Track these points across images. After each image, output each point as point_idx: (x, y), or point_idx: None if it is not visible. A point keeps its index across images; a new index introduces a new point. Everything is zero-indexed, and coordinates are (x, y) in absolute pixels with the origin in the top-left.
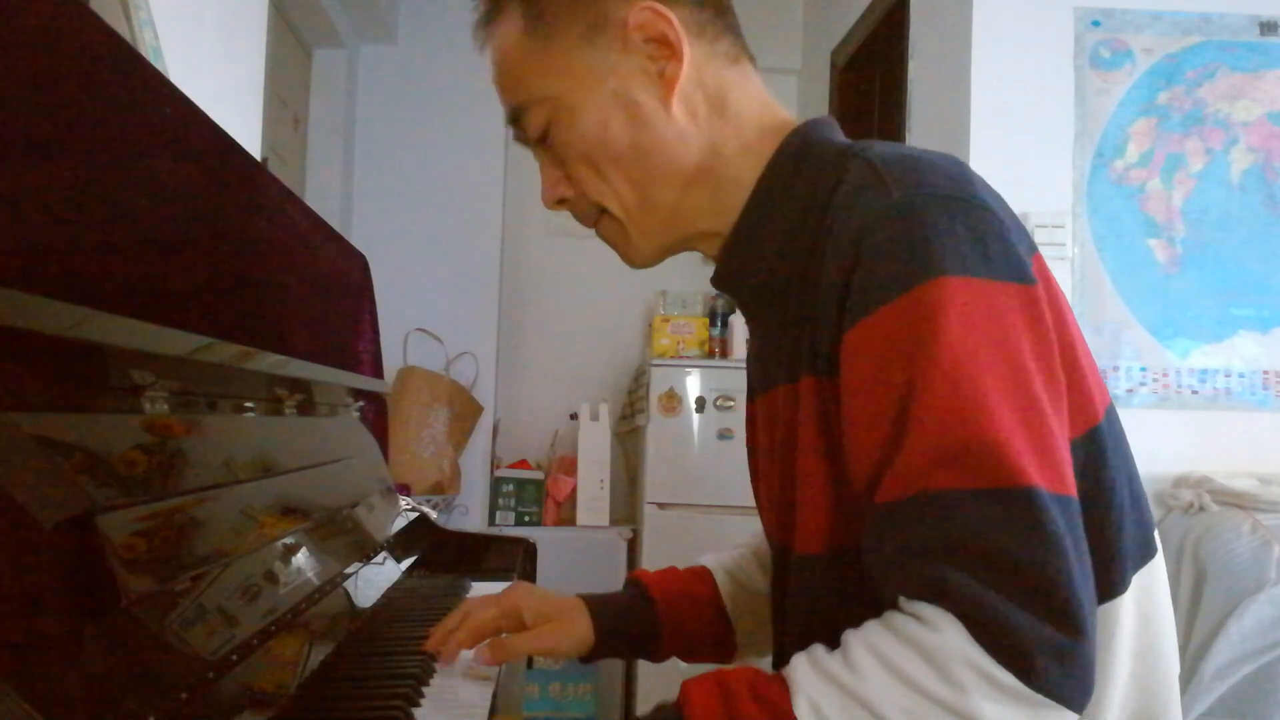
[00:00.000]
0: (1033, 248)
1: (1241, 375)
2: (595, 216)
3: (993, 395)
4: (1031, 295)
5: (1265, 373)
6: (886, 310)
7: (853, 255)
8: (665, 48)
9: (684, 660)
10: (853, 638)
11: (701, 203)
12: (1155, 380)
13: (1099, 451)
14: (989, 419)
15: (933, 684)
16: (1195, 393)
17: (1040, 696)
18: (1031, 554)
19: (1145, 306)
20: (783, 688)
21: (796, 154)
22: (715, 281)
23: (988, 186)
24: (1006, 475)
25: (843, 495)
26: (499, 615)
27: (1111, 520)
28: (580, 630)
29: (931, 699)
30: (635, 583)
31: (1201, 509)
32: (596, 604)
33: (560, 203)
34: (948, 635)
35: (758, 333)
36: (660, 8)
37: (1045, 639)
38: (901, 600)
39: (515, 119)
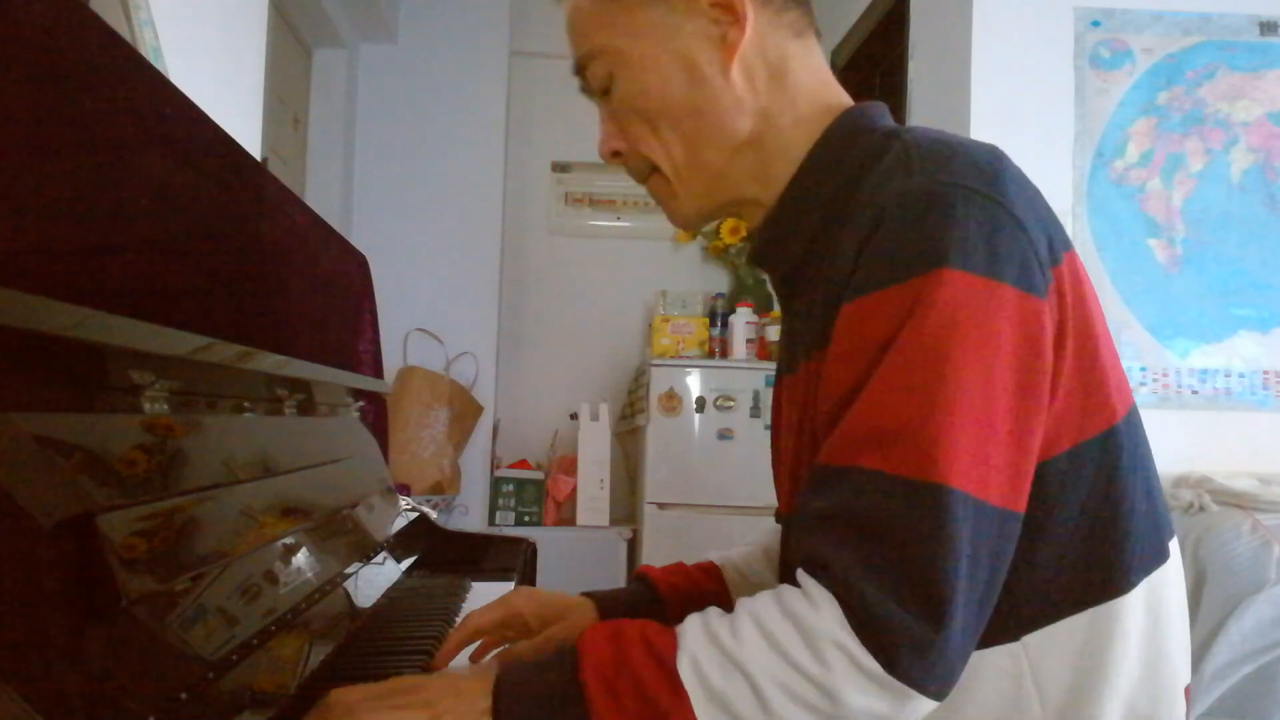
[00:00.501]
0: (1066, 244)
1: (1241, 375)
2: (646, 173)
3: (949, 390)
4: (1030, 306)
5: (1265, 373)
6: (886, 293)
7: (867, 234)
8: (729, 13)
9: None
10: (742, 605)
11: (749, 169)
12: (1155, 380)
13: (1114, 453)
14: (932, 413)
15: (803, 658)
16: (1195, 393)
17: (899, 684)
18: (921, 551)
19: (1145, 306)
20: (672, 640)
21: (844, 135)
22: (751, 256)
23: (1022, 182)
24: (925, 469)
25: None
26: (500, 621)
27: (1120, 521)
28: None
29: (800, 672)
30: (641, 578)
31: (1201, 509)
32: (602, 601)
33: (615, 156)
34: (823, 614)
35: (788, 311)
36: None
37: (909, 632)
38: (798, 571)
39: (580, 69)
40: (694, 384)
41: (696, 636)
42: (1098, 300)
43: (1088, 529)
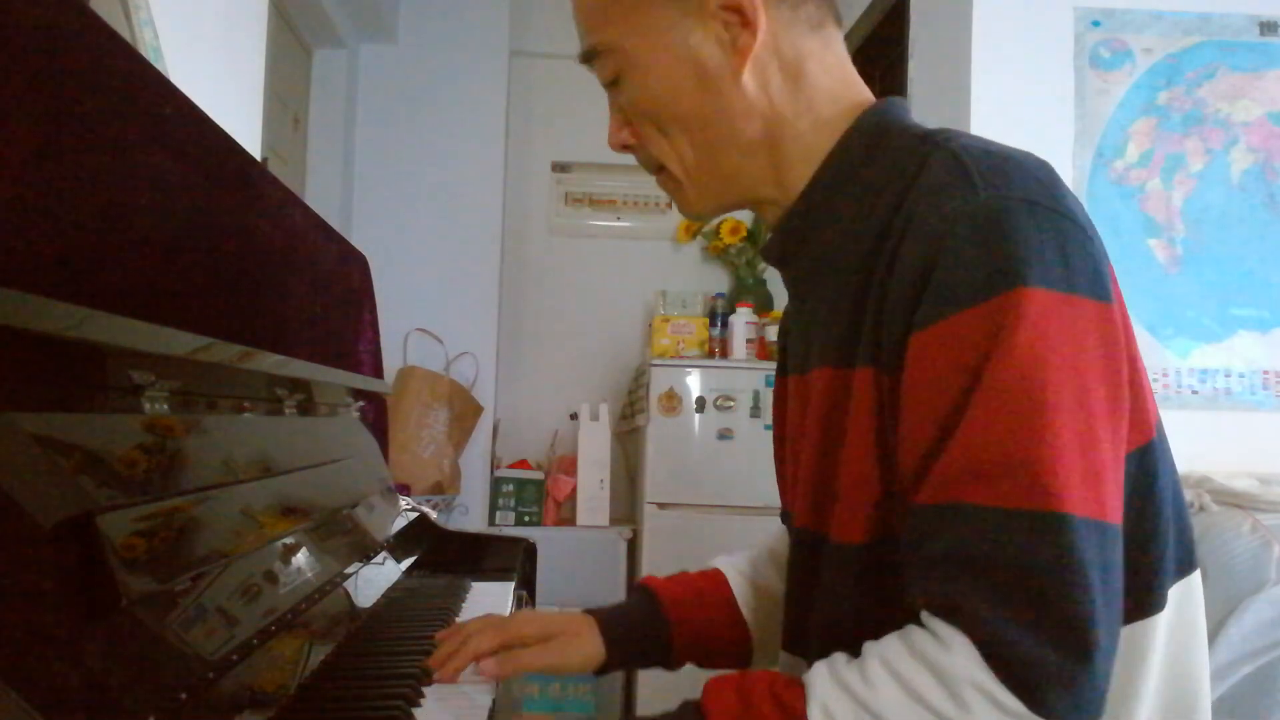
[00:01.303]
0: (1105, 252)
1: (1241, 375)
2: (656, 167)
3: (1050, 415)
4: (1108, 314)
5: (1265, 373)
6: (963, 316)
7: (934, 253)
8: (740, 17)
9: (699, 667)
10: (870, 649)
11: (764, 170)
12: (1155, 380)
13: (1152, 468)
14: (1039, 439)
15: (941, 702)
16: (1195, 393)
17: None
18: (1053, 581)
19: (1145, 306)
20: (800, 692)
21: (872, 134)
22: (765, 252)
23: (1072, 194)
24: (1042, 499)
25: (889, 490)
26: (501, 646)
27: (1157, 536)
28: (590, 646)
29: (939, 716)
30: (644, 590)
31: (1201, 509)
32: (604, 617)
33: (625, 148)
34: (958, 656)
35: (804, 310)
36: None
37: (1053, 667)
38: (922, 613)
39: (587, 59)
40: (694, 384)
41: (825, 684)
42: (1128, 315)
43: (1126, 545)
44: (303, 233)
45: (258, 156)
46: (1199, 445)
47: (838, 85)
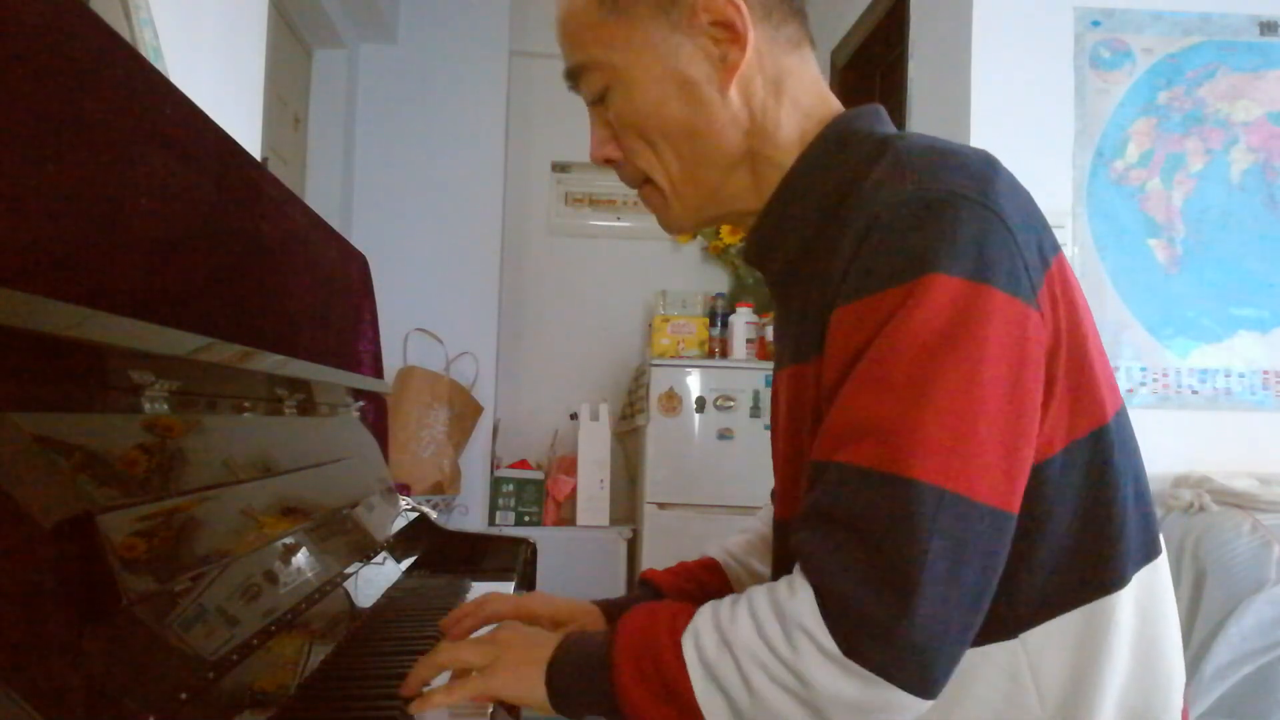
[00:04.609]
0: (1055, 247)
1: (1241, 375)
2: (639, 181)
3: (927, 388)
4: (1018, 309)
5: (1265, 373)
6: (875, 298)
7: (860, 242)
8: (731, 32)
9: None
10: (749, 592)
11: (745, 184)
12: (1155, 380)
13: (1105, 452)
14: (909, 408)
15: (778, 642)
16: (1195, 393)
17: (862, 669)
18: (887, 536)
19: (1145, 306)
20: (689, 618)
21: (835, 141)
22: (743, 256)
23: (1014, 186)
24: (896, 463)
25: None
26: (515, 611)
27: (1114, 518)
28: None
29: (774, 653)
30: (647, 584)
31: (1201, 509)
32: (610, 609)
33: (607, 162)
34: (799, 601)
35: (781, 311)
36: None
37: (871, 614)
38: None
39: (572, 76)
40: (694, 384)
41: (704, 616)
42: (1085, 300)
43: (1081, 527)
44: (302, 233)
45: (258, 156)
46: (1199, 445)
47: (815, 101)
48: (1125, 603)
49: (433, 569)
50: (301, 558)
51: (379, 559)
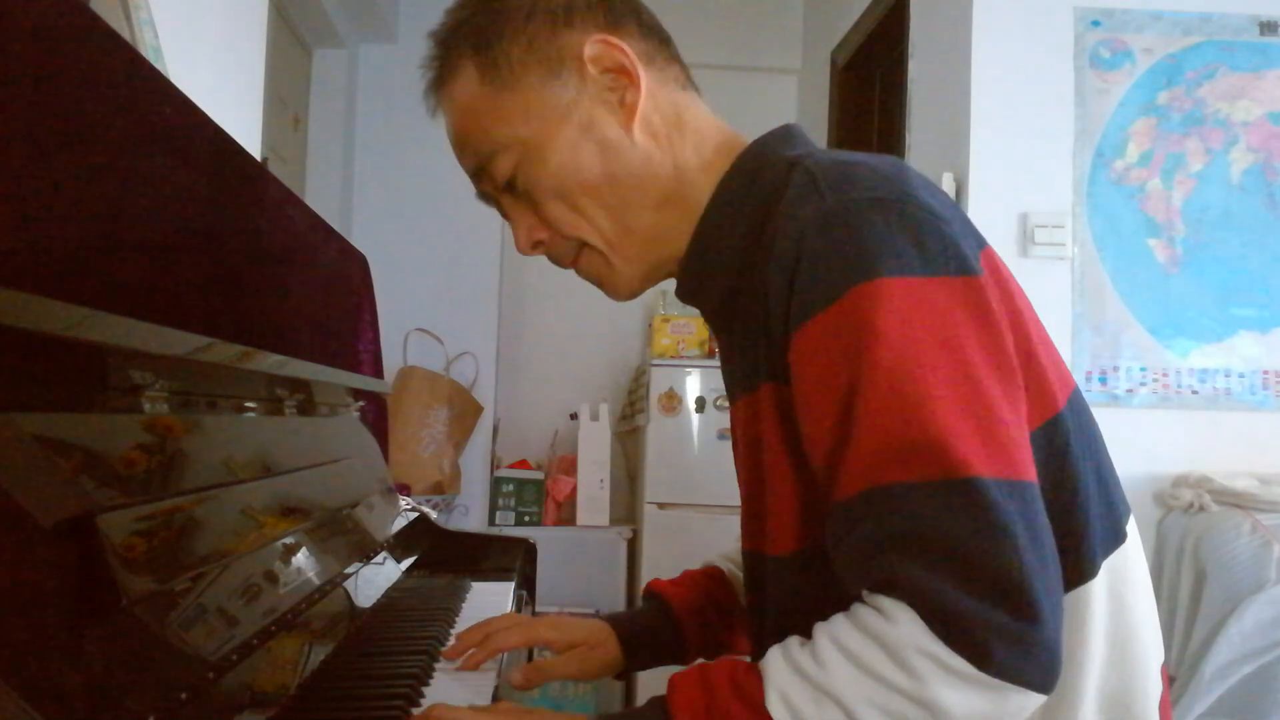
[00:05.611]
0: (981, 242)
1: (1241, 375)
2: (574, 254)
3: (935, 390)
4: (975, 285)
5: (1265, 373)
6: (825, 315)
7: (792, 262)
8: (623, 76)
9: (710, 660)
10: (820, 630)
11: (675, 224)
12: (1155, 380)
13: (1061, 440)
14: (930, 414)
15: (893, 674)
16: (1195, 393)
17: (997, 680)
18: (977, 542)
19: (1145, 306)
20: (758, 680)
21: (750, 169)
22: (679, 294)
23: (928, 185)
24: (949, 468)
25: (809, 498)
26: (522, 640)
27: (1078, 507)
28: (610, 655)
29: (893, 689)
30: (654, 596)
31: (1201, 509)
32: (621, 625)
33: (537, 246)
34: (903, 625)
35: (724, 345)
36: (613, 39)
37: (996, 623)
38: (864, 593)
39: (479, 171)
40: (694, 384)
41: (780, 670)
42: (1020, 288)
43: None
44: (302, 232)
45: (258, 156)
46: (1199, 445)
47: (714, 130)
48: (1098, 592)
49: (432, 569)
50: (301, 558)
51: (379, 559)
